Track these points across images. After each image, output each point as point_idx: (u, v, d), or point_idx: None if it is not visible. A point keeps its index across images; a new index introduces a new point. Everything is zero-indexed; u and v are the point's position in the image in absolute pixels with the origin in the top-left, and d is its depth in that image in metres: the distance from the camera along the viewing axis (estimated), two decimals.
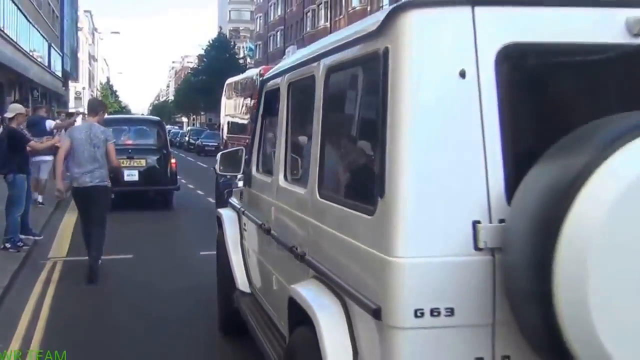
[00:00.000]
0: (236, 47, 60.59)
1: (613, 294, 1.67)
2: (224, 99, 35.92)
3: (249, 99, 28.79)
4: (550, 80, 2.13)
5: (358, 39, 2.32)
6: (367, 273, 2.13)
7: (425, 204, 1.95)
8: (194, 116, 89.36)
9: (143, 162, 12.99)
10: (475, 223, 1.95)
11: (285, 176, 3.32)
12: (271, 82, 3.80)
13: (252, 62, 62.37)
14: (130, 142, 13.17)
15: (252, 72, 31.48)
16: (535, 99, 2.09)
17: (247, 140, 22.88)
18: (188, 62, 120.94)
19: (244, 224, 4.38)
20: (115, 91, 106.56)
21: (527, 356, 1.95)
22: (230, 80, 35.52)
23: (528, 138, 2.08)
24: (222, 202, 12.37)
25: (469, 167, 1.97)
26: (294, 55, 3.48)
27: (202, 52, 59.68)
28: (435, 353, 1.95)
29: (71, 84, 62.24)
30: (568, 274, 1.68)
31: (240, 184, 4.69)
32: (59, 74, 48.61)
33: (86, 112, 9.10)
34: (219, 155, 4.98)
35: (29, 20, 35.25)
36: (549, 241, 1.73)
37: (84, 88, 66.03)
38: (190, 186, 17.26)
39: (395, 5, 2.09)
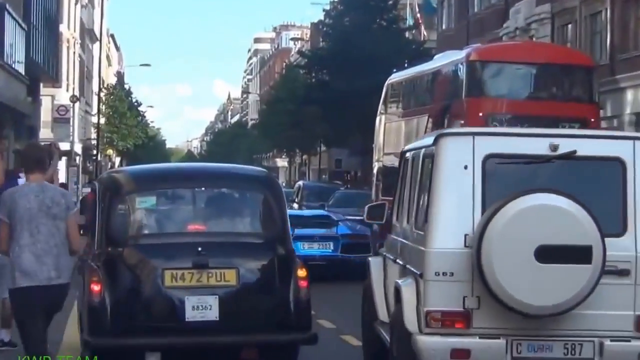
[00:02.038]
0: (398, 7, 61.73)
1: (503, 259, 12.89)
2: (380, 119, 36.12)
3: (442, 116, 28.35)
4: (509, 171, 13.88)
5: (427, 145, 14.36)
6: (420, 258, 13.55)
7: (443, 226, 13.54)
8: (304, 156, 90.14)
9: (231, 278, 13.17)
10: (466, 235, 13.31)
11: (407, 220, 14.51)
12: (406, 155, 15.31)
13: (435, 40, 62.58)
14: (199, 226, 13.68)
15: (448, 58, 31.57)
16: (501, 181, 13.72)
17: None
18: (291, 38, 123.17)
19: (387, 265, 15.18)
20: (138, 104, 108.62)
21: (488, 297, 12.97)
22: (395, 77, 35.82)
23: (494, 197, 13.36)
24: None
25: (465, 211, 13.58)
26: (414, 144, 15.65)
27: (322, 16, 61.09)
28: (444, 293, 13.22)
29: (46, 90, 63.83)
30: (485, 253, 12.87)
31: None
32: (21, 69, 50.99)
33: (24, 166, 11.14)
34: (366, 207, 16.41)
35: None
36: (480, 239, 12.93)
37: (74, 99, 66.67)
38: (326, 324, 17.92)
39: (439, 132, 14.41)
